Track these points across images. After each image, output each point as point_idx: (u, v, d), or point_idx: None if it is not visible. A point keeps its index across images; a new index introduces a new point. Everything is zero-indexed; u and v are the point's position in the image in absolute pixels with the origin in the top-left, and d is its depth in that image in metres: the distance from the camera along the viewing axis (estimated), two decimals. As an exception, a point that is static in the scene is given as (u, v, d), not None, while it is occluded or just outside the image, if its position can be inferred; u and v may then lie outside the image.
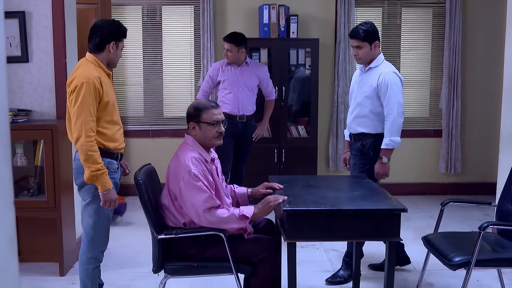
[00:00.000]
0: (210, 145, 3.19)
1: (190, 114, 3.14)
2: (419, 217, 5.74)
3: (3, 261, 1.18)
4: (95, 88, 3.02)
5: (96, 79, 3.05)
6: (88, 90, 2.99)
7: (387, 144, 3.82)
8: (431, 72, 6.66)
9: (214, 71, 5.27)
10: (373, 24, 3.94)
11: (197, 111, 3.12)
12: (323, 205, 2.93)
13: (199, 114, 3.10)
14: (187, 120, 3.17)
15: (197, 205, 2.92)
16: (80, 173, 3.10)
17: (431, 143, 6.68)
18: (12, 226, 1.18)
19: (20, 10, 4.16)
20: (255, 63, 5.40)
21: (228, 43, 5.13)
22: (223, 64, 5.23)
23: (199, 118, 3.10)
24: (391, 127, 3.80)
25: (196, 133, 3.12)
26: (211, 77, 5.27)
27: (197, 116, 3.11)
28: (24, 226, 4.33)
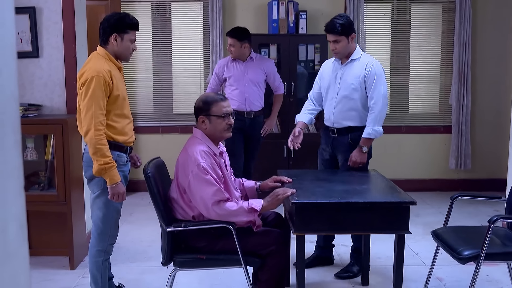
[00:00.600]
0: (220, 137, 3.20)
1: (199, 108, 3.14)
2: (429, 213, 5.72)
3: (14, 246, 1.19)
4: (105, 82, 3.03)
5: (107, 73, 3.06)
6: (98, 83, 3.01)
7: (370, 133, 3.78)
8: (441, 68, 6.62)
9: (220, 68, 5.26)
10: (348, 16, 3.92)
11: (207, 105, 3.12)
12: (331, 198, 2.94)
13: (209, 108, 3.11)
14: (196, 114, 3.17)
15: (206, 198, 2.93)
16: (89, 166, 3.12)
17: (441, 139, 6.65)
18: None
19: (30, 6, 4.19)
20: (260, 58, 5.35)
21: (231, 38, 5.12)
22: (229, 60, 5.23)
23: (209, 111, 3.11)
24: (376, 117, 3.77)
25: (206, 126, 3.12)
26: (217, 74, 5.28)
27: (206, 109, 3.11)
28: (35, 220, 4.36)
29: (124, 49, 3.20)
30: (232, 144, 5.22)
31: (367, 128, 3.79)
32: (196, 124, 3.19)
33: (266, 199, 3.04)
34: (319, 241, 4.16)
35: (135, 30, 3.23)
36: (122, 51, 3.20)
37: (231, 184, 3.17)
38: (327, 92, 3.99)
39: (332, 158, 4.04)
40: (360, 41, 6.34)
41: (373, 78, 3.78)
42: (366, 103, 3.85)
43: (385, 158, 6.61)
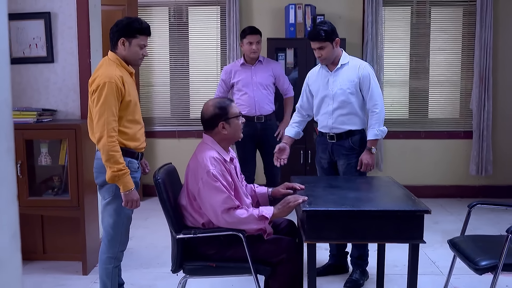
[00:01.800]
0: (238, 138, 3.17)
1: (217, 115, 3.06)
2: (448, 220, 5.60)
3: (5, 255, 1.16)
4: (117, 88, 3.01)
5: (118, 78, 3.03)
6: (110, 89, 2.98)
7: (376, 134, 3.79)
8: (461, 72, 6.51)
9: (227, 74, 5.19)
10: (330, 22, 3.89)
11: (223, 109, 3.07)
12: (343, 205, 2.86)
13: (227, 111, 3.06)
14: (213, 122, 3.07)
15: (216, 205, 2.89)
16: (100, 172, 3.10)
17: (461, 144, 6.53)
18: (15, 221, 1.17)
19: (45, 11, 4.21)
20: (268, 60, 5.26)
21: (255, 35, 5.00)
22: (237, 65, 5.16)
23: (228, 114, 3.06)
24: (379, 118, 3.78)
25: (226, 131, 3.07)
26: (224, 80, 5.20)
27: (225, 114, 3.06)
28: (49, 225, 4.38)
29: (133, 54, 3.16)
30: (243, 150, 5.17)
31: (372, 129, 3.79)
32: (211, 132, 3.11)
33: (277, 207, 2.99)
34: (333, 249, 4.10)
35: (145, 35, 3.18)
36: (131, 56, 3.17)
37: (242, 191, 3.12)
38: (320, 100, 3.94)
39: (331, 166, 4.00)
40: (379, 46, 6.26)
41: (368, 81, 3.79)
42: (363, 106, 3.87)
43: (404, 163, 6.53)
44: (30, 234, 4.39)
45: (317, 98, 3.97)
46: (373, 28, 6.23)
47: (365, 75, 3.79)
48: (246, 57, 5.11)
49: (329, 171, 4.00)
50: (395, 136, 6.48)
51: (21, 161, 3.99)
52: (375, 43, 6.25)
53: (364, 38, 6.29)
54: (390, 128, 6.44)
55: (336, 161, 3.94)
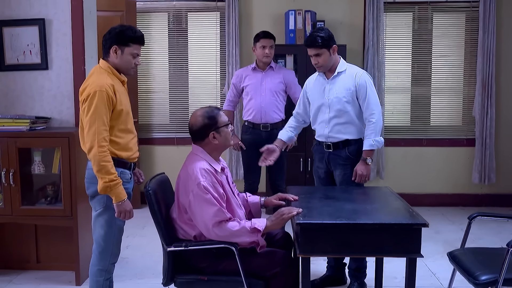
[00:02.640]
0: (227, 147, 3.13)
1: (206, 125, 2.99)
2: (450, 229, 5.51)
3: None
4: (108, 97, 2.93)
5: (110, 87, 2.96)
6: (101, 98, 2.91)
7: (372, 145, 3.68)
8: (464, 78, 6.42)
9: (238, 78, 5.12)
10: (327, 29, 3.81)
11: (213, 119, 3.00)
12: (339, 218, 2.79)
13: (216, 121, 3.00)
14: (203, 132, 3.00)
15: (206, 218, 2.82)
16: (91, 182, 3.03)
17: (464, 152, 6.43)
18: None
19: (40, 18, 4.14)
20: (280, 67, 5.18)
21: (268, 39, 4.92)
22: (248, 69, 5.09)
23: (217, 124, 3.00)
24: (376, 127, 3.68)
25: (217, 141, 3.00)
26: (235, 84, 5.13)
27: (214, 123, 2.99)
28: (42, 234, 4.32)
29: (125, 63, 3.08)
30: (247, 158, 5.08)
31: (368, 139, 3.70)
32: (201, 142, 3.05)
33: (270, 219, 2.92)
34: (330, 260, 4.02)
35: (138, 44, 3.09)
36: (122, 65, 3.09)
37: (234, 202, 3.05)
38: (317, 108, 3.87)
39: (328, 176, 3.92)
40: (380, 52, 6.19)
41: (365, 89, 3.70)
42: (360, 115, 3.77)
43: (405, 171, 6.44)
44: (24, 243, 4.33)
45: (314, 106, 3.90)
46: (374, 34, 6.15)
47: (362, 84, 3.70)
48: (258, 61, 5.02)
49: (326, 181, 3.92)
50: (396, 144, 6.41)
51: (13, 169, 3.93)
52: (376, 49, 6.18)
53: (365, 44, 6.21)
54: (391, 136, 6.41)
55: (333, 171, 3.86)
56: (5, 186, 3.96)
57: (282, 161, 4.99)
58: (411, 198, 6.22)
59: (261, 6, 6.32)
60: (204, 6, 6.42)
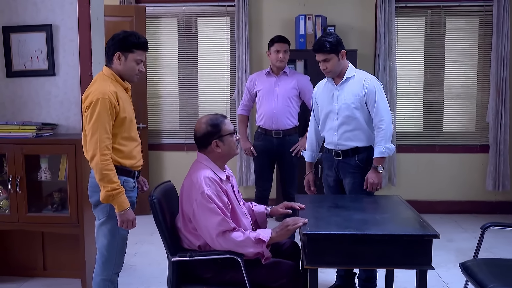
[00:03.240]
0: (232, 156, 3.04)
1: (209, 133, 2.93)
2: (463, 237, 5.40)
3: None
4: (110, 104, 2.89)
5: (112, 94, 2.92)
6: (104, 106, 2.87)
7: (383, 152, 3.58)
8: (477, 84, 6.32)
9: (251, 82, 5.03)
10: (336, 34, 3.74)
11: (216, 127, 2.94)
12: (347, 228, 2.72)
13: (219, 129, 2.94)
14: (205, 140, 2.95)
15: (210, 228, 2.76)
16: (95, 191, 2.98)
17: (477, 159, 6.32)
18: None
19: (47, 24, 4.12)
20: (294, 72, 5.07)
21: (283, 44, 4.83)
22: (262, 74, 4.99)
23: (220, 132, 2.94)
24: (385, 134, 3.58)
25: (220, 149, 2.95)
26: (249, 88, 5.04)
27: (217, 131, 2.94)
28: (49, 241, 4.29)
29: (128, 70, 3.04)
30: (259, 165, 5.01)
31: (378, 147, 3.60)
32: (204, 150, 2.99)
33: (275, 229, 2.85)
34: (340, 270, 3.94)
35: (142, 50, 3.05)
36: (126, 72, 3.04)
37: (239, 211, 2.99)
38: (326, 115, 3.80)
39: (337, 184, 3.85)
40: (392, 57, 6.10)
41: (374, 95, 3.61)
42: (370, 121, 3.67)
43: (418, 178, 6.35)
44: (31, 250, 4.31)
45: (323, 113, 3.83)
46: (385, 39, 6.07)
47: (370, 89, 3.62)
48: (272, 66, 4.92)
49: (336, 189, 3.85)
50: (408, 150, 6.32)
51: (20, 176, 3.90)
52: (388, 54, 6.10)
53: (377, 50, 6.14)
54: (403, 142, 6.32)
55: (342, 179, 3.78)
56: (12, 193, 3.93)
57: (294, 170, 4.91)
58: (423, 205, 6.23)
59: (271, 11, 6.27)
60: (214, 11, 6.39)
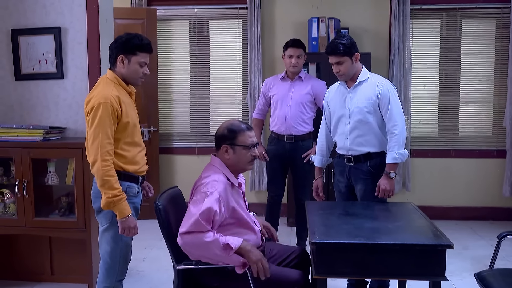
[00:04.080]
0: (242, 170, 2.98)
1: (223, 136, 2.90)
2: (479, 245, 5.27)
3: None
4: (112, 109, 2.82)
5: (115, 99, 2.85)
6: (106, 110, 2.80)
7: (395, 158, 3.47)
8: (494, 87, 6.18)
9: (266, 87, 4.94)
10: (349, 36, 3.66)
11: (232, 133, 2.89)
12: (357, 237, 2.63)
13: (235, 136, 2.88)
14: (218, 142, 2.94)
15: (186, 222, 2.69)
16: (98, 197, 2.92)
17: (494, 164, 6.18)
18: None
19: (55, 26, 4.09)
20: (309, 77, 4.94)
21: (297, 49, 4.70)
22: (277, 78, 4.89)
23: (234, 140, 2.88)
24: (399, 140, 3.48)
25: (229, 156, 2.89)
26: (264, 93, 4.95)
27: (231, 138, 2.88)
28: (57, 246, 4.26)
29: (132, 72, 2.96)
30: (271, 170, 4.93)
31: (391, 152, 3.49)
32: (216, 153, 2.95)
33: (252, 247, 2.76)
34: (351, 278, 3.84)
35: (146, 53, 2.97)
36: (130, 75, 2.97)
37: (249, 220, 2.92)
38: (338, 119, 3.71)
39: (349, 190, 3.74)
40: (406, 60, 6.00)
41: (387, 99, 3.52)
42: (383, 126, 3.57)
43: (432, 183, 6.23)
44: (38, 254, 4.27)
45: (334, 117, 3.74)
46: (400, 42, 5.96)
47: (384, 93, 3.52)
48: (287, 70, 4.82)
49: (347, 195, 3.75)
50: (423, 155, 6.20)
51: (27, 180, 3.86)
52: (403, 57, 5.99)
53: (391, 52, 6.03)
54: (418, 146, 6.20)
55: (354, 185, 3.69)
56: (19, 197, 3.89)
57: (306, 176, 4.80)
58: (438, 211, 6.12)
59: (283, 14, 6.19)
60: (226, 14, 6.32)
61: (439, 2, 6.09)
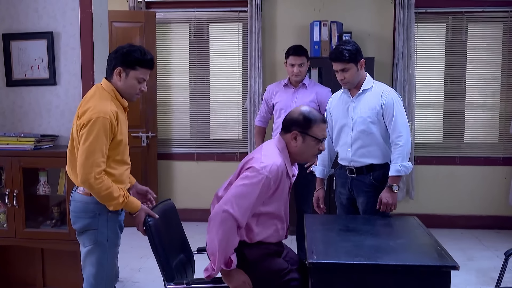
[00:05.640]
0: (303, 160, 2.85)
1: (297, 122, 2.73)
2: (484, 256, 5.12)
3: None
4: (111, 125, 2.67)
5: (114, 114, 2.69)
6: (104, 126, 2.64)
7: (399, 170, 3.33)
8: (501, 93, 6.04)
9: (268, 93, 4.78)
10: (355, 42, 3.51)
11: (307, 122, 2.72)
12: (357, 257, 2.49)
13: (309, 126, 2.72)
14: (289, 126, 2.76)
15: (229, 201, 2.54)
16: (79, 217, 2.78)
17: (500, 171, 6.04)
18: None
19: (48, 31, 3.97)
20: (313, 84, 4.77)
21: (299, 57, 4.51)
22: (280, 85, 4.73)
23: (307, 130, 2.72)
24: (403, 151, 3.34)
25: (296, 144, 2.73)
26: (266, 100, 4.78)
27: (306, 126, 2.72)
28: (49, 257, 4.13)
29: (128, 87, 2.80)
30: None
31: (394, 164, 3.35)
32: (284, 136, 2.78)
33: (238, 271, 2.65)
34: None
35: (146, 69, 2.80)
36: (126, 89, 2.80)
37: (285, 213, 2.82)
38: (340, 129, 3.58)
39: (350, 203, 3.61)
40: (410, 65, 5.86)
41: (392, 109, 3.38)
42: (387, 136, 3.44)
43: (437, 191, 6.09)
44: (30, 266, 4.15)
45: (337, 127, 3.61)
46: (404, 46, 5.83)
47: (389, 103, 3.39)
48: (289, 78, 4.66)
49: (348, 208, 3.61)
50: (428, 162, 6.06)
51: (17, 190, 3.74)
52: (407, 62, 5.85)
53: (395, 57, 5.89)
54: (422, 153, 6.06)
55: (356, 197, 3.55)
56: (9, 208, 3.77)
57: (308, 186, 4.65)
58: (443, 220, 5.98)
59: (285, 17, 6.06)
60: (226, 17, 6.20)
61: (445, 6, 5.95)
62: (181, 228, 3.10)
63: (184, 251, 3.00)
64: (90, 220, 2.79)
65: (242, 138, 6.24)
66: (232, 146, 6.27)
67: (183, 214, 6.12)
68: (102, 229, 2.80)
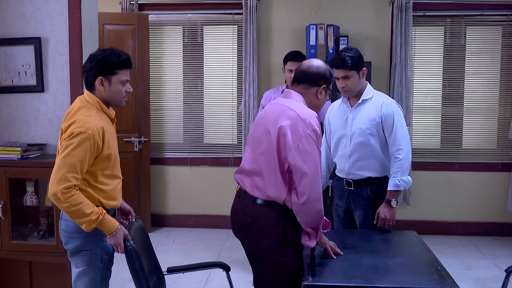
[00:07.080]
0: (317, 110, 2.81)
1: (324, 76, 2.75)
2: (482, 265, 5.03)
3: None
4: (93, 142, 2.54)
5: (98, 130, 2.57)
6: (83, 143, 2.52)
7: (398, 185, 3.24)
8: (499, 98, 5.95)
9: (266, 100, 4.69)
10: (357, 49, 3.42)
11: (332, 78, 2.80)
12: (354, 279, 2.40)
13: (331, 82, 2.80)
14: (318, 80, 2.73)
15: (312, 167, 2.55)
16: (72, 237, 2.66)
17: (498, 178, 5.96)
18: None
19: (35, 36, 3.84)
20: None
21: (296, 62, 4.30)
22: (278, 91, 4.63)
23: (329, 85, 2.78)
24: (402, 165, 3.25)
25: (318, 99, 2.77)
26: (263, 106, 4.69)
27: (330, 82, 2.78)
28: (37, 270, 3.99)
29: (114, 94, 2.69)
30: None
31: (393, 179, 3.26)
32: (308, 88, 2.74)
33: None
34: None
35: (126, 69, 2.70)
36: (112, 96, 2.70)
37: None
38: (338, 140, 3.47)
39: (348, 216, 3.52)
40: (408, 69, 5.75)
41: (392, 121, 3.28)
42: (386, 149, 3.34)
43: (434, 197, 6.01)
44: (17, 278, 4.02)
45: (335, 137, 3.51)
46: (402, 50, 5.72)
47: (388, 114, 3.28)
48: (288, 84, 4.55)
49: (346, 221, 3.51)
50: (425, 168, 5.97)
51: (3, 201, 3.62)
52: (404, 66, 5.75)
53: (392, 61, 5.79)
54: (420, 159, 5.97)
55: (353, 211, 3.45)
56: (-5, 219, 3.66)
57: None
58: (440, 226, 5.89)
59: (280, 20, 5.95)
60: (220, 19, 6.08)
61: (443, 9, 5.85)
62: (152, 249, 2.98)
63: (156, 274, 2.87)
64: (83, 240, 2.66)
65: (237, 142, 6.13)
66: (226, 150, 6.16)
67: (176, 220, 6.10)
68: (96, 250, 2.69)
